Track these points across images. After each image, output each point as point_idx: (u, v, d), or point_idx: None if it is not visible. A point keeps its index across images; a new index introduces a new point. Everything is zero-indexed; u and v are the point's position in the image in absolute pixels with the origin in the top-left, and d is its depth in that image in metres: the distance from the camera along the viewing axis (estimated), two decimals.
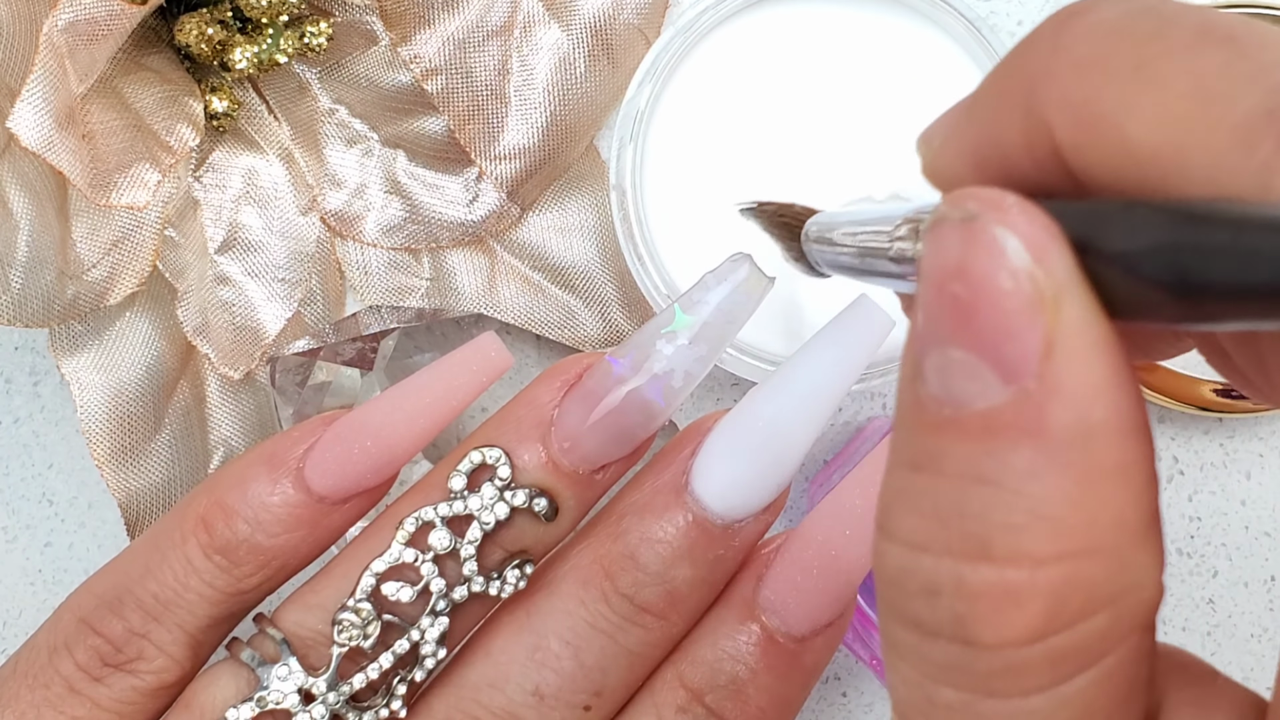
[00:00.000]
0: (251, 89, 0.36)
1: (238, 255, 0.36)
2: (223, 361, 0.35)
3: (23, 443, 0.38)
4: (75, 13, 0.30)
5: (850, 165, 0.34)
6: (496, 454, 0.25)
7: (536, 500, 0.25)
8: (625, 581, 0.25)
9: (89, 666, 0.25)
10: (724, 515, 0.25)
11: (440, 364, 0.26)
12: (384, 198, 0.36)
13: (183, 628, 0.26)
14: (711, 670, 0.25)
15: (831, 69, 0.34)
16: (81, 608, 0.26)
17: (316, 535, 0.26)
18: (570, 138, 0.36)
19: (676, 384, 0.26)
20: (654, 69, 0.33)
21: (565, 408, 0.26)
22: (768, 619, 0.26)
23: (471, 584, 0.25)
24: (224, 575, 0.26)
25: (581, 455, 0.26)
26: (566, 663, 0.25)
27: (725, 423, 0.26)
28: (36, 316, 0.33)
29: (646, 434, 0.26)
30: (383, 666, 0.25)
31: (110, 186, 0.32)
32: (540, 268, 0.36)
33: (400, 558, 0.25)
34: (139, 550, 0.27)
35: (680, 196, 0.34)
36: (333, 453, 0.26)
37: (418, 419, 0.26)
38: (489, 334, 0.26)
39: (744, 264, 0.26)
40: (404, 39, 0.35)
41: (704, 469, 0.26)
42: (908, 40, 0.34)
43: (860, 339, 0.25)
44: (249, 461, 0.26)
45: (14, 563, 0.38)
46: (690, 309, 0.26)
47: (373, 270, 0.36)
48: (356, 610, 0.25)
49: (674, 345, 0.25)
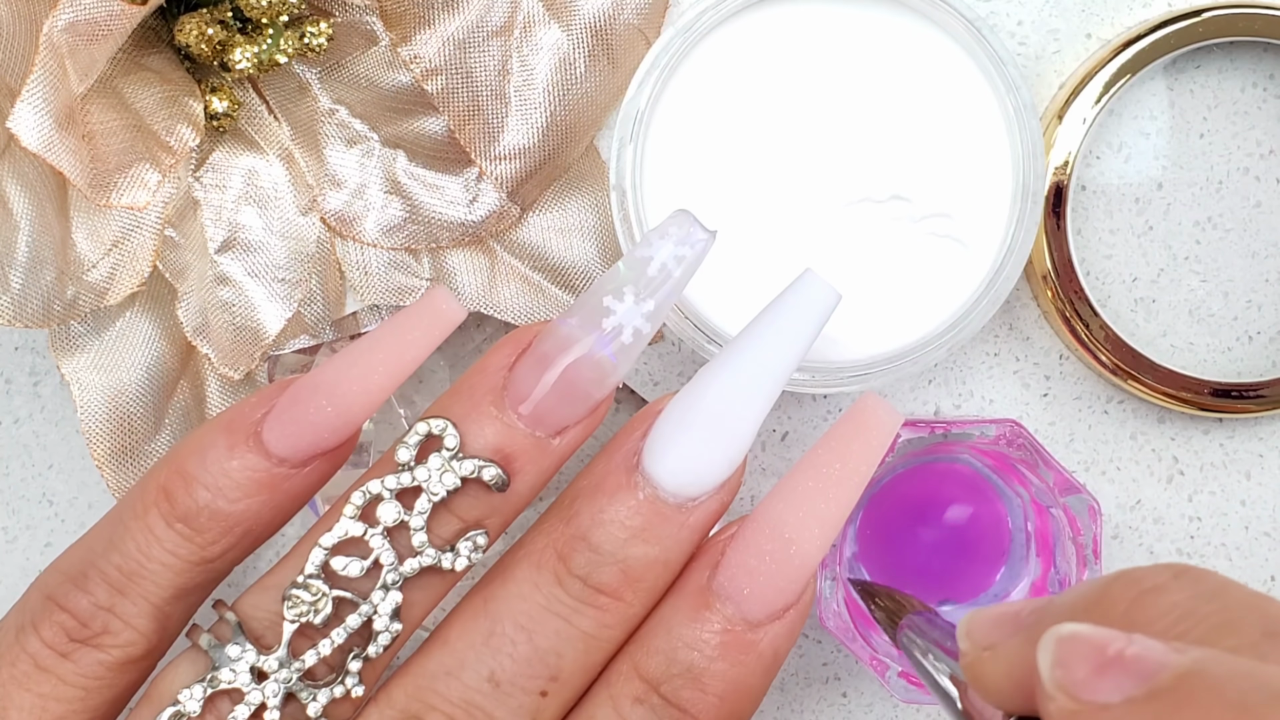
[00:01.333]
0: (251, 89, 0.36)
1: (238, 255, 0.36)
2: (223, 361, 0.35)
3: (23, 443, 0.38)
4: (75, 13, 0.30)
5: (850, 165, 0.34)
6: (442, 424, 0.25)
7: (486, 469, 0.25)
8: (578, 562, 0.25)
9: (55, 643, 0.25)
10: (677, 493, 0.25)
11: (392, 320, 0.26)
12: (384, 198, 0.36)
13: (148, 599, 0.26)
14: (667, 659, 0.25)
15: (831, 69, 0.34)
16: (47, 585, 0.26)
17: (278, 500, 0.26)
18: (570, 138, 0.36)
19: (627, 340, 0.26)
20: (654, 69, 0.33)
21: (517, 372, 0.26)
22: (723, 605, 0.25)
23: (422, 556, 0.25)
24: (187, 544, 0.26)
25: (536, 418, 0.26)
26: (521, 647, 0.25)
27: (676, 400, 0.26)
28: (36, 316, 0.33)
29: (602, 393, 0.26)
30: (335, 642, 0.25)
31: (110, 186, 0.32)
32: (540, 268, 0.36)
33: (348, 532, 0.25)
34: (103, 525, 0.27)
35: (680, 196, 0.34)
36: (289, 415, 0.26)
37: (372, 375, 0.25)
38: (440, 286, 0.26)
39: (684, 218, 0.26)
40: (404, 39, 0.35)
41: (655, 448, 0.26)
42: (908, 40, 0.34)
43: (806, 311, 0.26)
44: (207, 429, 0.26)
45: (14, 563, 0.38)
46: (635, 266, 0.26)
47: (373, 270, 0.37)
48: (306, 585, 0.25)
49: (621, 302, 0.25)
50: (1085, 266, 0.37)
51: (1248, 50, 0.37)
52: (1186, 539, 0.38)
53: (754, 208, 0.34)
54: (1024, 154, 0.33)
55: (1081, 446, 0.38)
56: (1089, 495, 0.34)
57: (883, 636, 0.36)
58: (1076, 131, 0.36)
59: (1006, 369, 0.38)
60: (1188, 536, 0.38)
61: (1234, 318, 0.38)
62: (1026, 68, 0.37)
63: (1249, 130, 0.37)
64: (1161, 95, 0.37)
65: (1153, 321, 0.38)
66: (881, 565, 0.37)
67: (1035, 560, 0.36)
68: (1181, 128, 0.37)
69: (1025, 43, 0.37)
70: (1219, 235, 0.37)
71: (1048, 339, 0.38)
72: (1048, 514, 0.35)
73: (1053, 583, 0.35)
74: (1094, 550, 0.34)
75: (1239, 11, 0.35)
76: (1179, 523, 0.38)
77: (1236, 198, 0.37)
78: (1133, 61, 0.36)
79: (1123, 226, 0.37)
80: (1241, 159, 0.37)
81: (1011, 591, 0.36)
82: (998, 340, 0.38)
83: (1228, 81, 0.37)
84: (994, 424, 0.34)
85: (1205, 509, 0.38)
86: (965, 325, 0.34)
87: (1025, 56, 0.37)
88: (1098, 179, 0.37)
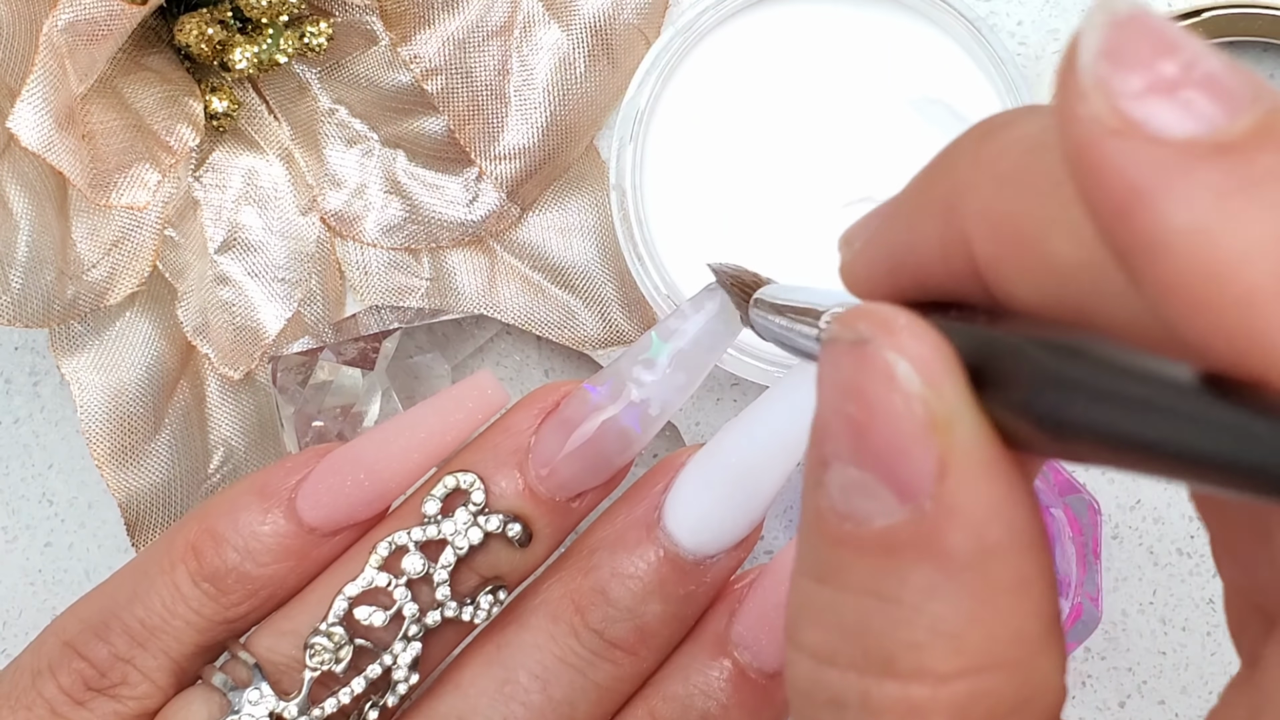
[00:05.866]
0: (251, 89, 0.36)
1: (238, 255, 0.36)
2: (223, 361, 0.35)
3: (23, 443, 0.38)
4: (75, 13, 0.30)
5: (850, 165, 0.34)
6: (470, 479, 0.25)
7: (510, 526, 0.25)
8: (595, 616, 0.25)
9: (72, 690, 0.25)
10: (695, 551, 0.25)
11: (436, 399, 0.26)
12: (384, 198, 0.36)
13: (168, 654, 0.26)
14: (683, 706, 0.25)
15: (831, 69, 0.34)
16: (66, 631, 0.26)
17: (305, 566, 0.26)
18: (570, 138, 0.36)
19: (654, 412, 0.25)
20: (654, 69, 0.33)
21: (542, 435, 0.26)
22: (740, 654, 0.26)
23: (445, 609, 0.25)
24: (212, 603, 0.26)
25: (558, 483, 0.26)
26: (535, 696, 0.25)
27: (698, 458, 0.26)
28: (36, 316, 0.33)
29: (623, 462, 0.26)
30: (354, 691, 0.25)
31: (110, 186, 0.32)
32: (540, 268, 0.36)
33: (373, 582, 0.25)
34: (126, 575, 0.27)
35: (680, 196, 0.34)
36: (325, 484, 0.26)
37: (412, 454, 0.26)
38: (485, 371, 0.26)
39: (717, 294, 0.26)
40: (404, 39, 0.35)
41: (676, 504, 0.25)
42: (908, 40, 0.34)
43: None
44: (240, 490, 0.26)
45: (14, 563, 0.38)
46: (667, 337, 0.26)
47: (373, 270, 0.36)
48: (329, 634, 0.25)
49: (651, 373, 0.25)
50: None
51: (1248, 50, 0.37)
52: (1186, 539, 0.38)
53: (754, 207, 0.34)
54: None
55: None
56: (1089, 495, 0.34)
57: None
58: None
59: None
60: (1188, 536, 0.38)
61: None
62: (1026, 68, 0.37)
63: None
64: None
65: None
66: None
67: None
68: None
69: (1025, 43, 0.37)
70: None
71: None
72: (1048, 514, 0.35)
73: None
74: (1094, 550, 0.34)
75: (1239, 11, 0.35)
76: (1179, 523, 0.38)
77: None
78: None
79: None
80: None
81: None
82: None
83: None
84: None
85: None
86: None
87: (1025, 56, 0.37)
88: None
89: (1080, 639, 0.34)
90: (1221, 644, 0.38)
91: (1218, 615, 0.38)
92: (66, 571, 0.38)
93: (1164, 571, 0.38)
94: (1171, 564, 0.38)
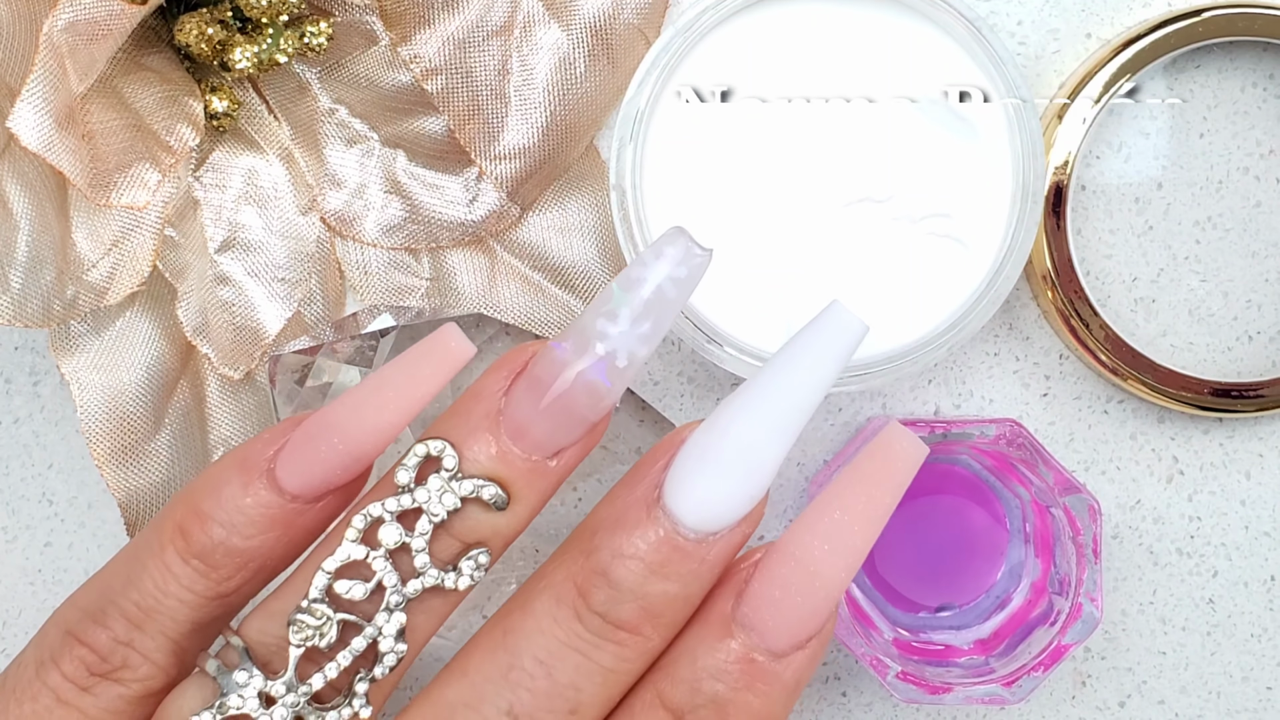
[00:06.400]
0: (251, 89, 0.36)
1: (238, 255, 0.36)
2: (223, 361, 0.35)
3: (23, 443, 0.38)
4: (75, 13, 0.30)
5: (850, 165, 0.34)
6: (440, 445, 0.25)
7: (485, 488, 0.25)
8: (598, 599, 0.25)
9: (76, 677, 0.26)
10: (698, 529, 0.25)
11: (402, 358, 0.26)
12: (384, 198, 0.36)
13: (166, 634, 0.26)
14: (691, 689, 0.25)
15: (831, 69, 0.34)
16: (66, 620, 0.26)
17: (291, 535, 0.26)
18: (570, 138, 0.36)
19: (621, 364, 0.25)
20: (654, 69, 0.33)
21: (513, 396, 0.26)
22: (747, 636, 0.25)
23: (425, 577, 0.25)
24: (203, 579, 0.26)
25: (533, 442, 0.26)
26: (540, 682, 0.25)
27: (698, 435, 0.26)
28: (36, 316, 0.33)
29: (596, 416, 0.26)
30: (341, 665, 0.25)
31: (110, 186, 0.32)
32: (540, 268, 0.36)
33: (350, 555, 0.25)
34: (120, 562, 0.27)
35: (680, 196, 0.34)
36: (301, 452, 0.26)
37: (383, 413, 0.26)
38: (450, 325, 0.26)
39: (680, 237, 0.25)
40: (404, 39, 0.35)
41: (677, 483, 0.25)
42: (908, 40, 0.34)
43: (833, 345, 0.25)
44: (222, 467, 0.26)
45: (14, 563, 0.38)
46: (629, 287, 0.25)
47: (373, 270, 0.37)
48: (310, 610, 0.25)
49: (615, 325, 0.25)
50: (1085, 266, 0.37)
51: (1248, 50, 0.37)
52: (1186, 539, 0.38)
53: (754, 207, 0.34)
54: (1024, 154, 0.33)
55: (1081, 446, 0.38)
56: (1089, 495, 0.34)
57: (883, 636, 0.36)
58: (1076, 131, 0.36)
59: (1006, 369, 0.38)
60: (1188, 536, 0.38)
61: (1234, 317, 0.38)
62: (1026, 68, 0.37)
63: (1249, 130, 0.37)
64: (1161, 95, 0.37)
65: (1152, 321, 0.38)
66: (881, 565, 0.37)
67: (1035, 560, 0.36)
68: (1181, 127, 0.37)
69: (1025, 43, 0.37)
70: (1219, 235, 0.37)
71: (1047, 339, 0.38)
72: (1048, 514, 0.35)
73: (1053, 582, 0.35)
74: (1094, 550, 0.34)
75: (1239, 11, 0.35)
76: (1179, 522, 0.38)
77: (1236, 197, 0.37)
78: (1133, 61, 0.36)
79: (1122, 226, 0.37)
80: (1241, 159, 0.37)
81: (1012, 592, 0.36)
82: (997, 340, 0.38)
83: (1228, 81, 0.37)
84: (994, 424, 0.34)
85: (1205, 509, 0.38)
86: (965, 325, 0.34)
87: (1025, 56, 0.37)
88: (1097, 179, 0.37)
89: (1080, 639, 0.34)
90: (1221, 644, 0.38)
91: (1218, 615, 0.38)
92: (66, 571, 0.38)
93: (1164, 571, 0.38)
94: (1171, 564, 0.38)
